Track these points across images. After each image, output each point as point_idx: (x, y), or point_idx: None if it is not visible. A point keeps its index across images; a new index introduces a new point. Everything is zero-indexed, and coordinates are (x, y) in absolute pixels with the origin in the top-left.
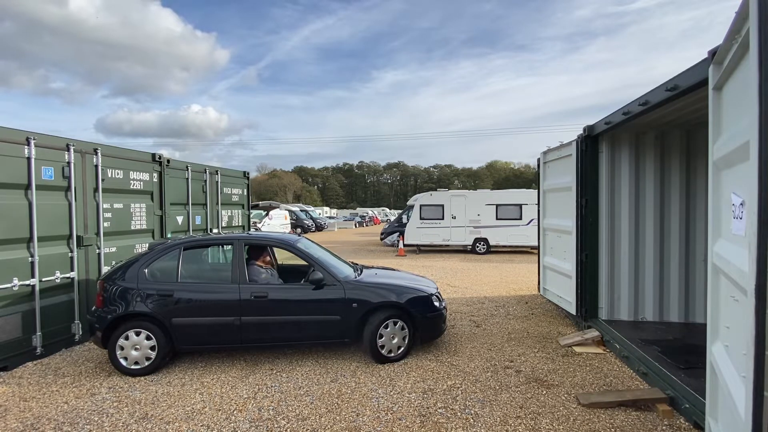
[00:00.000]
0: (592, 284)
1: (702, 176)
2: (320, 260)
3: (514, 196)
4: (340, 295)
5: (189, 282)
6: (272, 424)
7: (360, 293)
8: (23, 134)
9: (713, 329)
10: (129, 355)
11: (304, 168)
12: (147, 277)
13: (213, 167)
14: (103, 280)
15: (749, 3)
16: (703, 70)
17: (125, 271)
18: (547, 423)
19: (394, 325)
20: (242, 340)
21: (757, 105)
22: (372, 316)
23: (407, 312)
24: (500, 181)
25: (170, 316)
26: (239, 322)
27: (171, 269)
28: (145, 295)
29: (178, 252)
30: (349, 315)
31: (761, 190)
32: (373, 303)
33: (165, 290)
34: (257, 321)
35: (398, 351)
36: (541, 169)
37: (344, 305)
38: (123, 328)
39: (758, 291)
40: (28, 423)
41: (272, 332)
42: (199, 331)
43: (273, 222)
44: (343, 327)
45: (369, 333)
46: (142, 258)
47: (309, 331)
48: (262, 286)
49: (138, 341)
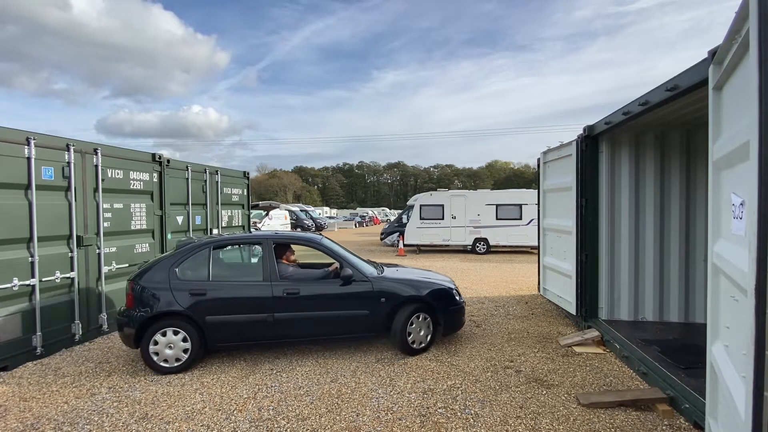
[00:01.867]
0: (592, 284)
1: (702, 176)
2: (347, 258)
3: (514, 196)
4: (369, 290)
5: (221, 280)
6: (272, 424)
7: (387, 288)
8: (23, 134)
9: (713, 329)
10: (162, 353)
11: (304, 168)
12: (179, 276)
13: (213, 167)
14: (133, 279)
15: (749, 3)
16: (703, 70)
17: (156, 270)
18: (547, 423)
19: (419, 319)
20: (275, 336)
21: (757, 105)
22: (400, 310)
23: (431, 305)
24: (500, 181)
25: (204, 314)
26: (272, 319)
27: (202, 268)
28: (179, 293)
29: (208, 251)
30: (377, 309)
31: (761, 190)
32: (401, 297)
33: (198, 289)
34: (290, 317)
35: (423, 344)
36: (541, 169)
37: (373, 300)
38: (156, 327)
39: (758, 291)
40: (28, 423)
41: (304, 327)
42: (233, 328)
43: (273, 222)
44: (371, 321)
45: (399, 326)
46: (172, 257)
47: (339, 325)
48: (293, 282)
49: (171, 340)
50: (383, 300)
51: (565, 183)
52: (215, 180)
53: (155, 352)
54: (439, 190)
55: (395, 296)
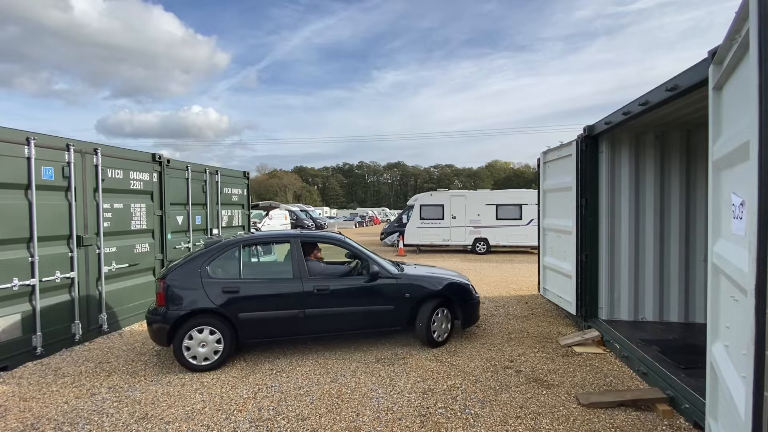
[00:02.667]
0: (592, 284)
1: (702, 176)
2: (371, 255)
3: (514, 196)
4: (394, 286)
5: (253, 278)
6: (272, 424)
7: (411, 285)
8: (23, 134)
9: (713, 329)
10: (196, 351)
11: (304, 168)
12: (210, 274)
13: (213, 167)
14: (164, 278)
15: (749, 3)
16: (703, 70)
17: (187, 268)
18: (547, 423)
19: (441, 313)
20: (305, 331)
21: (757, 105)
22: (423, 305)
23: (451, 300)
24: (500, 181)
25: (237, 311)
26: (303, 315)
27: (233, 266)
28: (211, 291)
29: (238, 249)
30: (402, 305)
31: (761, 190)
32: (424, 293)
33: (231, 286)
34: (320, 313)
35: (445, 336)
36: (541, 169)
37: (398, 296)
38: (189, 324)
39: (758, 291)
40: (28, 423)
41: (333, 323)
42: (266, 324)
43: (273, 222)
44: (396, 316)
45: (424, 320)
46: (203, 255)
47: (366, 320)
48: (322, 279)
49: (204, 337)
50: (407, 295)
51: (565, 183)
52: (215, 180)
53: (187, 347)
54: (439, 190)
55: (419, 292)
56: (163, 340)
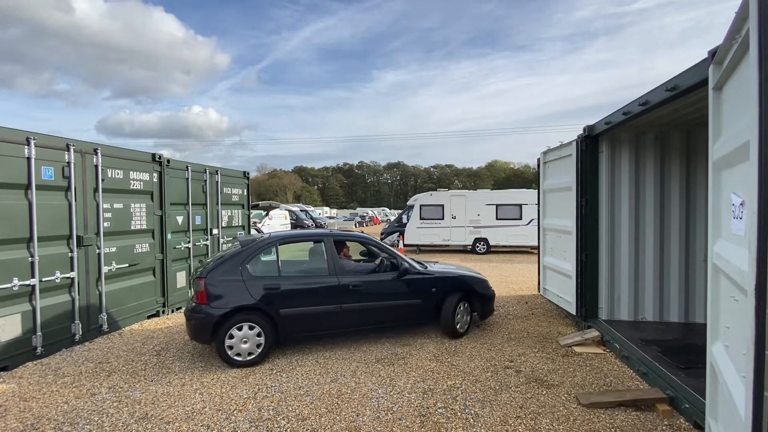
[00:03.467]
0: (592, 284)
1: (702, 176)
2: (398, 254)
3: (514, 196)
4: (421, 281)
5: (291, 275)
6: (272, 424)
7: (437, 280)
8: (23, 134)
9: (713, 329)
10: (238, 347)
11: (304, 168)
12: (251, 271)
13: (213, 167)
14: (205, 276)
15: (749, 3)
16: (703, 70)
17: (228, 266)
18: (547, 423)
19: (463, 306)
20: (342, 325)
21: (757, 105)
22: (448, 299)
23: (471, 294)
24: (500, 181)
25: (278, 307)
26: (340, 309)
27: (271, 264)
28: (253, 288)
29: (275, 247)
30: (428, 298)
31: (761, 190)
32: (449, 287)
33: (272, 284)
34: (356, 307)
35: (466, 327)
36: (541, 169)
37: (425, 290)
38: (232, 321)
39: (758, 291)
40: (28, 423)
41: (368, 317)
42: (306, 320)
43: (273, 222)
44: (423, 309)
45: (449, 313)
46: (242, 254)
47: (397, 313)
48: (356, 275)
49: (246, 334)
50: (434, 290)
51: (565, 183)
52: (215, 180)
53: (230, 346)
54: (439, 190)
55: (444, 286)
56: (206, 337)
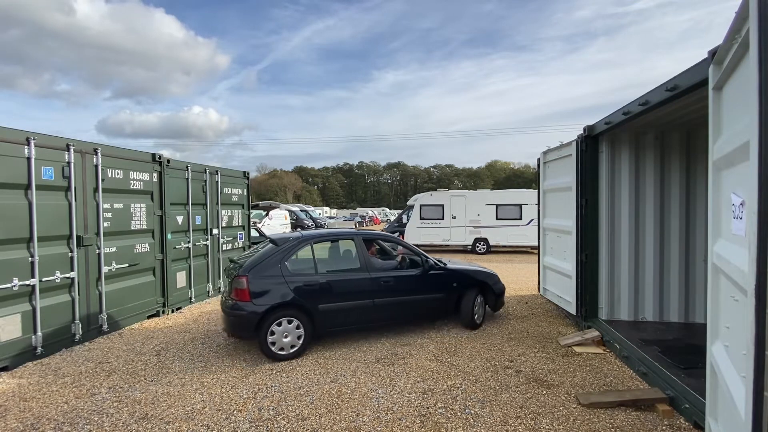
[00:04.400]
0: (592, 284)
1: (702, 176)
2: (421, 251)
3: (514, 196)
4: (444, 277)
5: (327, 272)
6: (272, 424)
7: (457, 275)
8: (23, 134)
9: (713, 329)
10: (280, 342)
11: (304, 168)
12: (289, 269)
13: (213, 167)
14: (246, 274)
15: (749, 3)
16: (703, 70)
17: (268, 264)
18: (547, 423)
19: (480, 299)
20: (374, 319)
21: (757, 105)
22: (467, 293)
23: (486, 288)
24: (500, 181)
25: (317, 303)
26: (373, 304)
27: (308, 261)
28: (294, 285)
29: (310, 246)
30: (451, 293)
31: (761, 190)
32: (467, 282)
33: (311, 280)
34: (387, 302)
35: (481, 319)
36: (541, 169)
37: (448, 285)
38: (274, 317)
39: (758, 291)
40: (28, 423)
41: (397, 311)
42: (342, 314)
43: (273, 222)
44: (446, 303)
45: (469, 306)
46: (280, 252)
47: (422, 307)
48: (387, 271)
49: (287, 328)
50: (455, 284)
51: (565, 183)
52: (215, 180)
53: (272, 342)
54: (439, 190)
55: (464, 281)
56: (249, 332)
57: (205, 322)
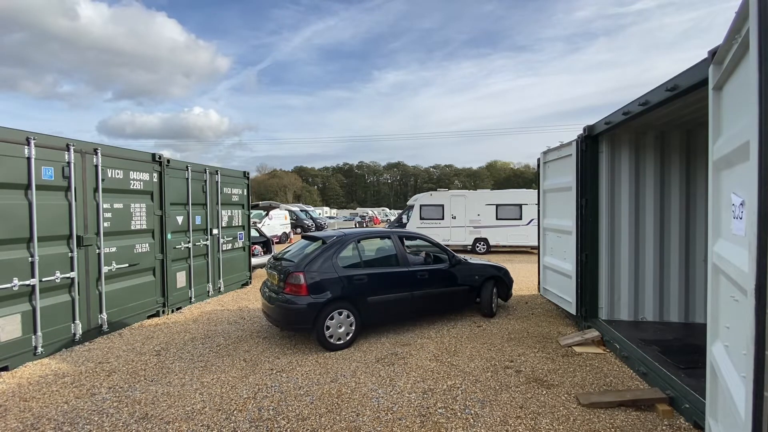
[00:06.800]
0: (592, 284)
1: (702, 176)
2: (446, 247)
3: (514, 196)
4: (468, 271)
5: (372, 267)
6: (272, 424)
7: (478, 269)
8: (23, 134)
9: (713, 329)
10: (335, 332)
11: (304, 168)
12: (340, 265)
13: (213, 167)
14: (302, 270)
15: (749, 3)
16: (703, 70)
17: (322, 261)
18: (547, 423)
19: (495, 290)
20: (412, 311)
21: (757, 105)
22: (485, 285)
23: (499, 281)
24: (500, 181)
25: (366, 296)
26: (411, 297)
27: (354, 258)
28: (346, 280)
29: (355, 244)
30: (473, 285)
31: (761, 190)
32: (487, 275)
33: (360, 275)
34: (424, 294)
35: (496, 309)
36: (541, 169)
37: (471, 278)
38: (329, 309)
39: (758, 291)
40: (28, 423)
41: (432, 302)
42: (386, 306)
43: (273, 222)
44: (468, 294)
45: (488, 297)
46: (330, 248)
47: (450, 299)
48: (421, 266)
49: (340, 320)
50: (476, 277)
51: (565, 183)
52: (215, 180)
53: (329, 334)
54: (439, 190)
55: (483, 274)
56: (308, 325)
57: (205, 322)
